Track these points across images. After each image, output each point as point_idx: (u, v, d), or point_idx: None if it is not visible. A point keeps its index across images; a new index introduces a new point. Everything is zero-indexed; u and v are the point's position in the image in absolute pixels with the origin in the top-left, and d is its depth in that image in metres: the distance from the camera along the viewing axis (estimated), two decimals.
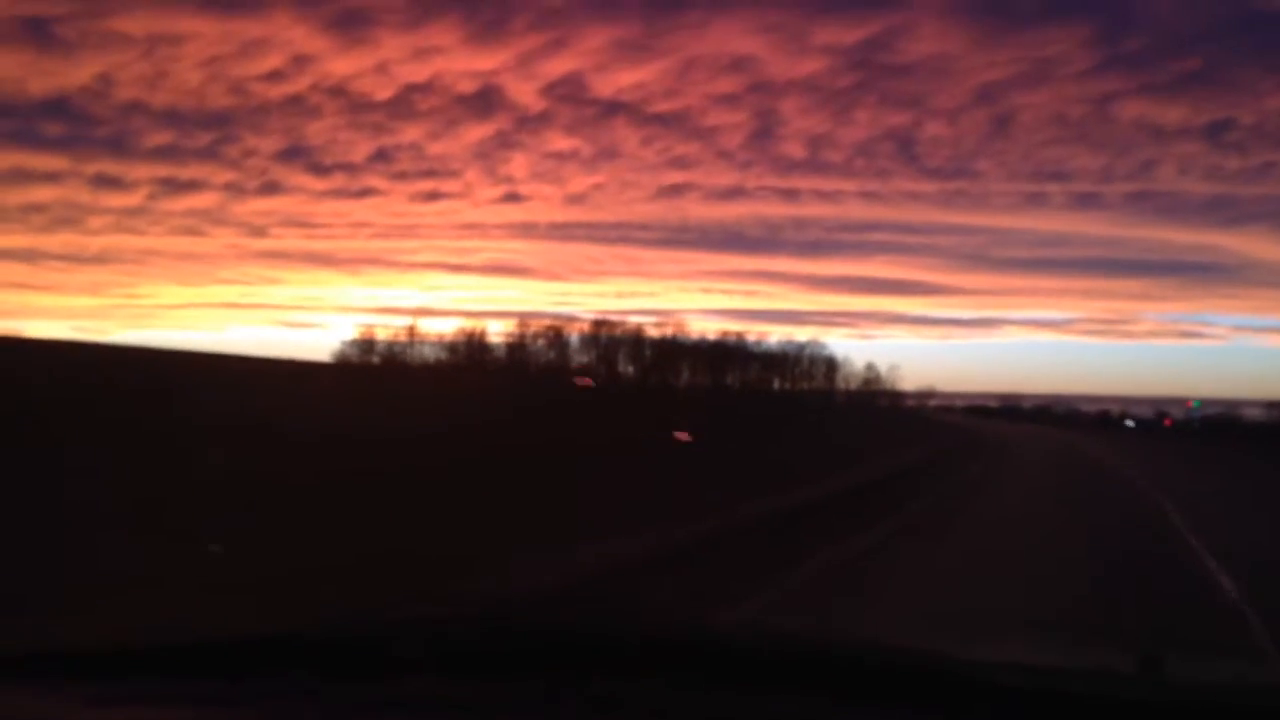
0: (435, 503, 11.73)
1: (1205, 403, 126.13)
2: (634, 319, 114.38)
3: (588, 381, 33.34)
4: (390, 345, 78.98)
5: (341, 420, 19.33)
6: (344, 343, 78.60)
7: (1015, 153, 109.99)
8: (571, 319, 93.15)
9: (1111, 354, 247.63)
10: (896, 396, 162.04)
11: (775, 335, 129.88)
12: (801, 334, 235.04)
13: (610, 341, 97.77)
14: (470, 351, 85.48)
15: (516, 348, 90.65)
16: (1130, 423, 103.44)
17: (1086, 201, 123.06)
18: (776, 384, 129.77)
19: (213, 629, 1.89)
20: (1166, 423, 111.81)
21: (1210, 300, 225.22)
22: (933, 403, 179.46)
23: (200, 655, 1.69)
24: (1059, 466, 29.45)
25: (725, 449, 23.47)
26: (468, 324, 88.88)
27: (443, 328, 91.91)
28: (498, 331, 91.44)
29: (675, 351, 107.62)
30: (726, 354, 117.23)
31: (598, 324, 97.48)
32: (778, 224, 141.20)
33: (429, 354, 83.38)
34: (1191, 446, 49.29)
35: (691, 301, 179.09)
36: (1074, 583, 10.01)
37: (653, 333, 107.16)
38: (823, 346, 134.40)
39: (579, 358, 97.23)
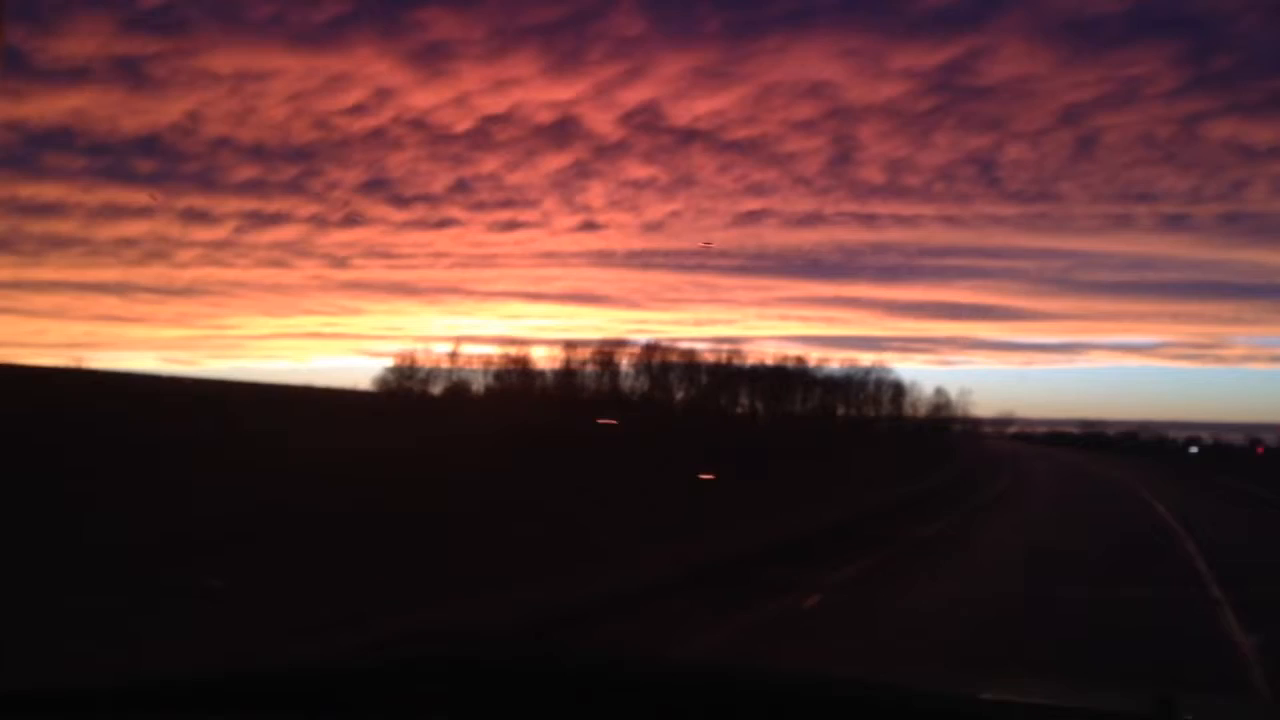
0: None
1: None
2: (711, 346, 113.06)
3: (611, 421, 32.30)
4: (429, 372, 78.99)
5: (335, 449, 18.54)
6: (386, 369, 78.64)
7: (1100, 174, 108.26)
8: (623, 344, 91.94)
9: (1201, 379, 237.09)
10: (971, 423, 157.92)
11: (836, 360, 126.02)
12: (883, 360, 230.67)
13: (663, 367, 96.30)
14: (514, 378, 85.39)
15: (566, 374, 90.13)
16: (1194, 449, 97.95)
17: (1175, 223, 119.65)
18: (841, 410, 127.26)
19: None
20: (1259, 450, 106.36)
21: None
22: (1011, 430, 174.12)
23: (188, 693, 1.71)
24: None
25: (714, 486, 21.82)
26: (512, 350, 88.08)
27: (497, 354, 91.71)
28: (547, 357, 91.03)
29: (732, 377, 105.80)
30: (786, 379, 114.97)
31: (649, 349, 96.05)
32: (856, 250, 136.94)
33: (472, 380, 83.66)
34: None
35: (769, 329, 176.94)
36: None
37: (709, 358, 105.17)
38: (888, 371, 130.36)
39: (631, 384, 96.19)
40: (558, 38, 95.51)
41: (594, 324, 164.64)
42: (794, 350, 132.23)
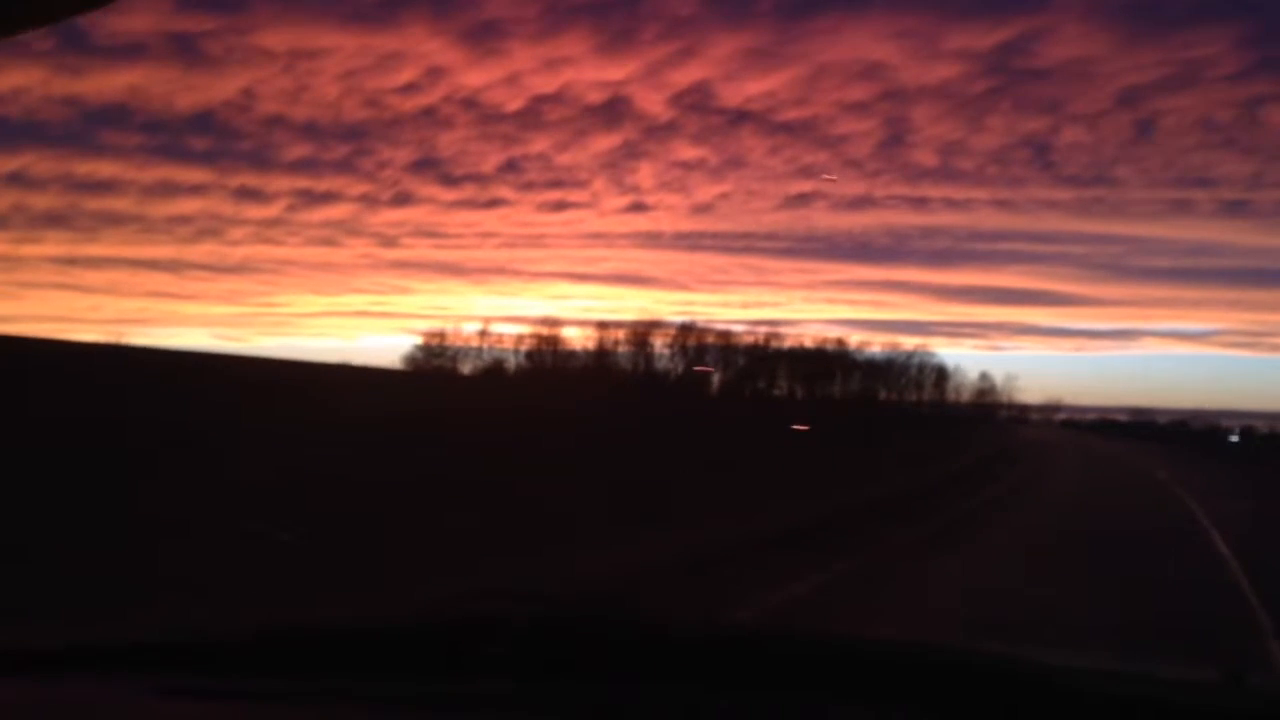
0: None
1: None
2: (748, 329, 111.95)
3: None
4: (459, 350, 78.17)
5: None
6: (415, 347, 77.87)
7: (1158, 159, 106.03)
8: (658, 324, 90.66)
9: (1257, 368, 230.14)
10: (1017, 409, 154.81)
11: (877, 344, 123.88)
12: (930, 345, 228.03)
13: (698, 349, 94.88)
14: (544, 358, 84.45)
15: (599, 354, 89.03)
16: (1234, 438, 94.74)
17: (1234, 209, 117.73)
18: (883, 394, 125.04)
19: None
20: None
21: None
22: (1059, 416, 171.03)
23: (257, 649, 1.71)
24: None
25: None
26: (544, 330, 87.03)
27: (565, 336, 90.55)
28: (580, 337, 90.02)
29: (769, 359, 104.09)
30: (826, 362, 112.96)
31: (684, 329, 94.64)
32: (906, 233, 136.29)
33: (503, 360, 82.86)
34: None
35: (815, 312, 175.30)
36: None
37: (746, 339, 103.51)
38: (931, 355, 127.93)
39: (666, 365, 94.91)
40: (610, 17, 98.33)
41: (640, 305, 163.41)
42: (841, 333, 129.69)
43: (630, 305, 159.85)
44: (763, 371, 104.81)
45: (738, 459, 20.55)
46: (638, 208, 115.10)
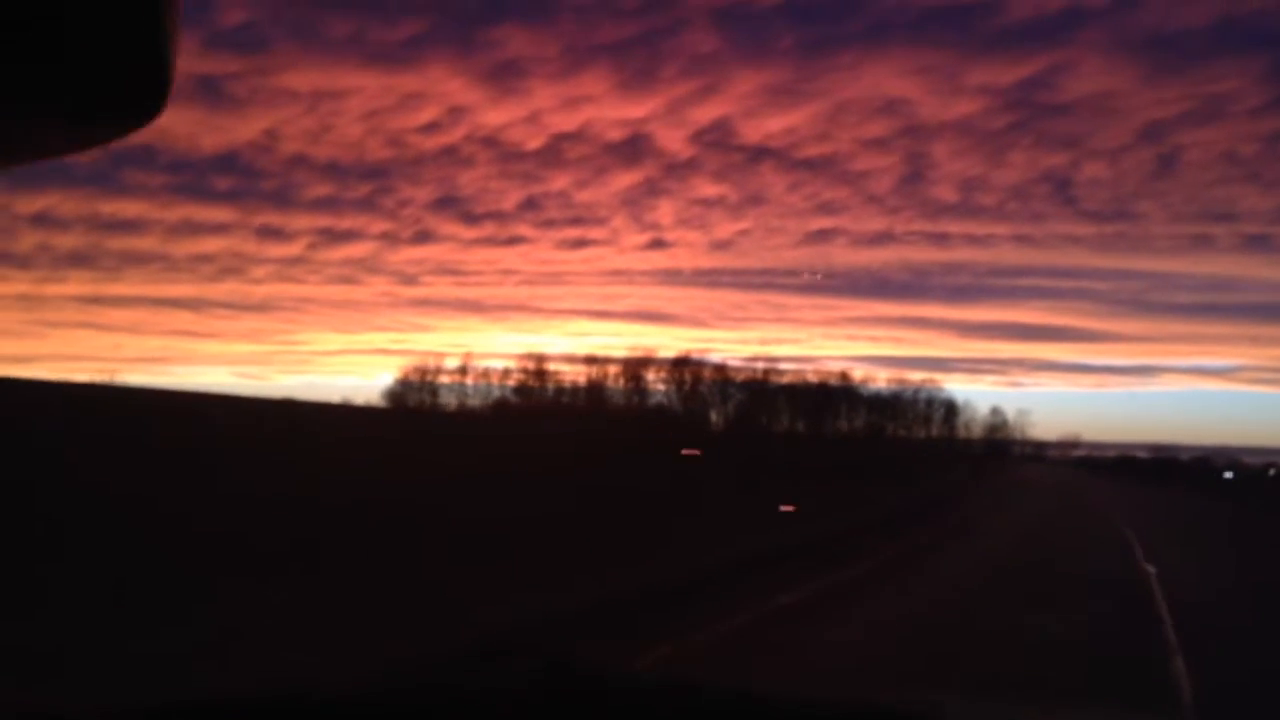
0: None
1: None
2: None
3: (695, 453, 29.32)
4: (441, 386, 76.39)
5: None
6: (396, 381, 76.15)
7: (1180, 193, 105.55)
8: (649, 360, 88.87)
9: (1279, 404, 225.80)
10: (1031, 445, 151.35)
11: (883, 379, 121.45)
12: (950, 381, 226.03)
13: (694, 383, 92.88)
14: (530, 394, 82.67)
15: (591, 389, 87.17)
16: (1229, 475, 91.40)
17: (1256, 243, 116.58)
18: (890, 430, 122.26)
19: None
20: None
21: None
22: (1077, 453, 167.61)
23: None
24: None
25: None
26: (530, 365, 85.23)
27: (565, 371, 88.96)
28: (570, 371, 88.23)
29: (769, 394, 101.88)
30: (829, 398, 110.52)
31: (679, 363, 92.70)
32: (926, 269, 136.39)
33: (486, 394, 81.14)
34: None
35: (835, 348, 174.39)
36: None
37: (743, 375, 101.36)
38: (939, 390, 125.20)
39: (660, 399, 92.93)
40: (630, 55, 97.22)
41: (660, 342, 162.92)
42: (863, 370, 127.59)
43: (651, 343, 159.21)
44: (762, 407, 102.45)
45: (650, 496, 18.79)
46: (657, 245, 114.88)
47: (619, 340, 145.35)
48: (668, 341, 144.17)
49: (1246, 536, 24.35)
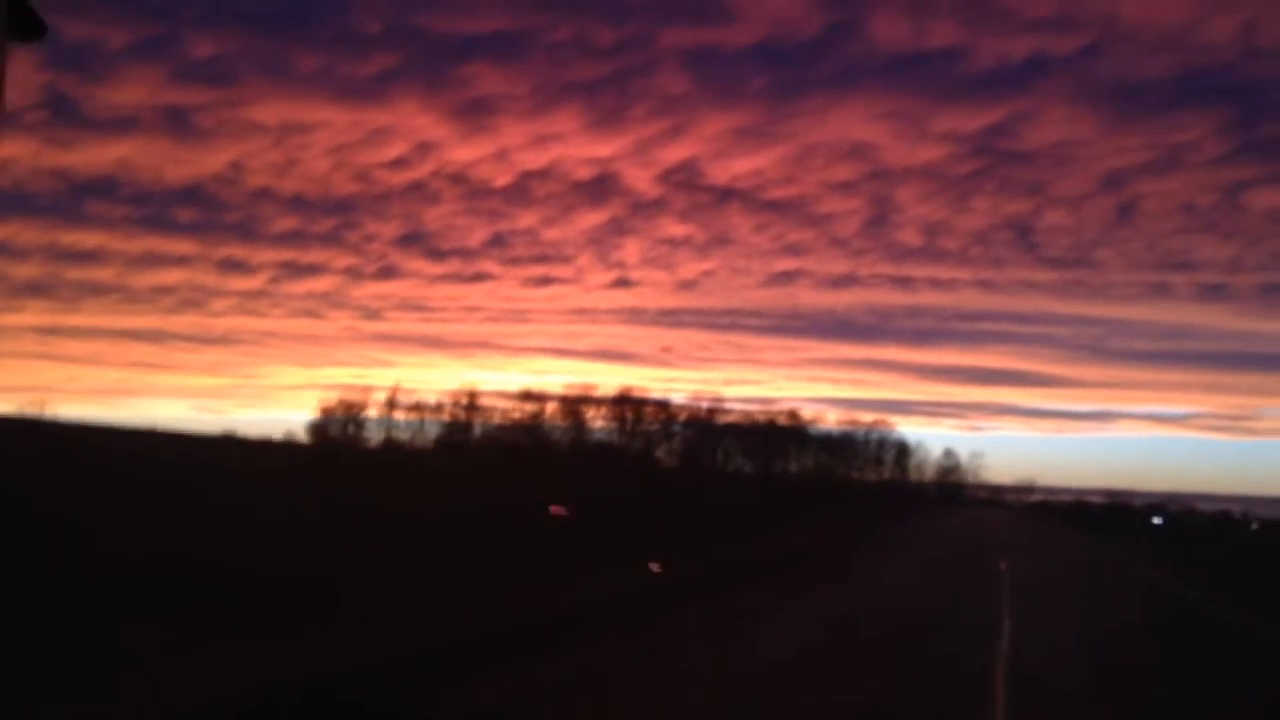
0: None
1: None
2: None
3: (561, 511, 27.06)
4: (360, 422, 73.54)
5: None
6: (319, 415, 72.92)
7: (1139, 241, 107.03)
8: (587, 398, 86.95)
9: (1233, 451, 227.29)
10: (986, 489, 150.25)
11: (833, 419, 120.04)
12: (910, 424, 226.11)
13: (635, 420, 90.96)
14: (459, 429, 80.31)
15: (530, 427, 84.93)
16: (1158, 520, 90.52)
17: (1213, 293, 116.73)
18: (841, 472, 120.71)
19: None
20: None
21: None
22: (1033, 497, 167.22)
23: None
24: None
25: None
26: (462, 400, 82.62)
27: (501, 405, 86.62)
28: (502, 408, 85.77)
29: (713, 433, 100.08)
30: (776, 437, 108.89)
31: (620, 400, 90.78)
32: (889, 312, 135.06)
33: (417, 430, 78.64)
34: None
35: (798, 389, 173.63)
36: None
37: (688, 411, 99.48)
38: (890, 432, 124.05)
39: (601, 436, 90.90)
40: (600, 95, 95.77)
41: (622, 381, 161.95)
42: (814, 410, 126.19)
43: (612, 381, 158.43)
44: (706, 447, 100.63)
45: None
46: (622, 283, 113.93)
47: (580, 379, 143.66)
48: (630, 381, 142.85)
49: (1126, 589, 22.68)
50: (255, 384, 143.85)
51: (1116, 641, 13.30)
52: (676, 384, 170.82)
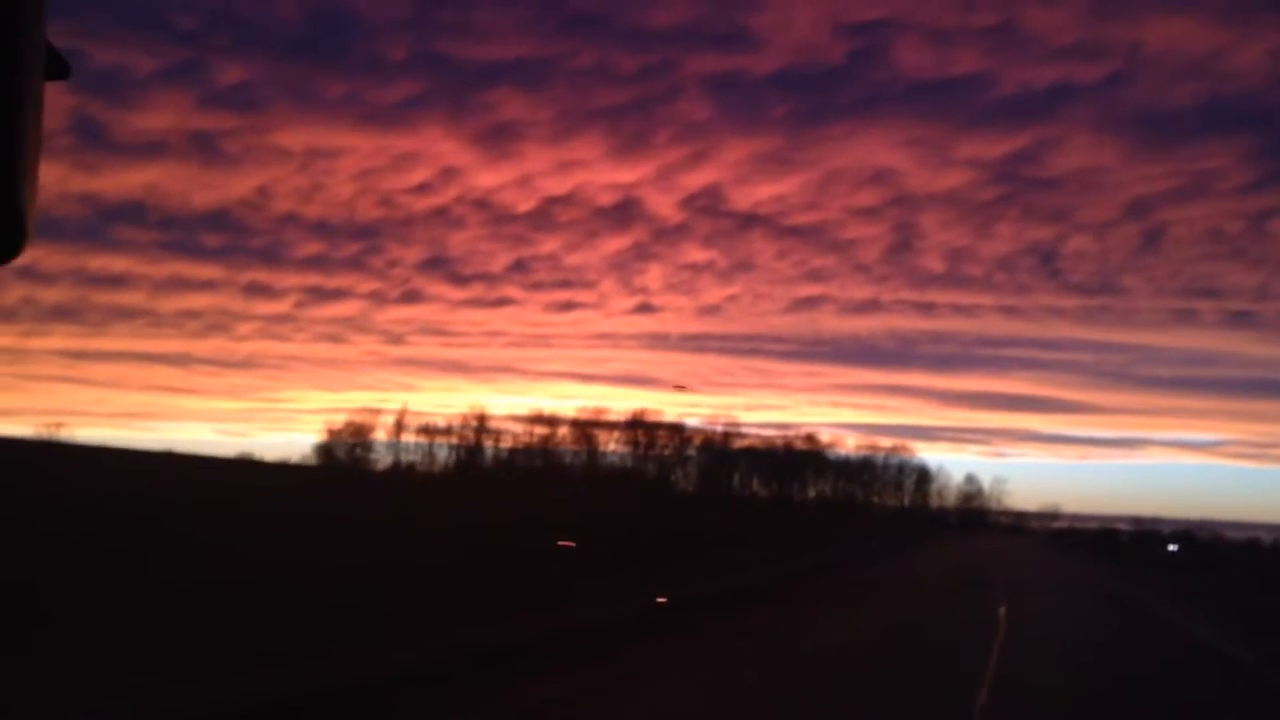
0: None
1: None
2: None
3: (569, 544, 26.63)
4: (368, 445, 73.22)
5: None
6: (328, 437, 72.46)
7: (1165, 268, 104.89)
8: (598, 422, 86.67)
9: (1262, 479, 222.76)
10: (1009, 515, 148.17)
11: (852, 444, 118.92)
12: (932, 450, 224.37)
13: (647, 444, 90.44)
14: (468, 453, 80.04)
15: (536, 451, 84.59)
16: (1173, 547, 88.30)
17: (1240, 320, 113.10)
18: (860, 496, 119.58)
19: None
20: None
21: None
22: (1057, 524, 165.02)
23: None
24: None
25: None
26: (472, 424, 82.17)
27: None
28: (512, 432, 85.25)
29: (728, 458, 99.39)
30: (794, 461, 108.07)
31: (634, 423, 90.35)
32: (912, 338, 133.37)
33: (426, 453, 78.40)
34: None
35: (821, 415, 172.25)
36: None
37: (705, 434, 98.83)
38: (910, 457, 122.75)
39: (613, 460, 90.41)
40: (624, 121, 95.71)
41: (645, 406, 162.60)
42: (830, 434, 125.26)
43: (636, 406, 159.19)
44: (722, 471, 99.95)
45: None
46: (645, 309, 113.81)
47: (604, 404, 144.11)
48: (653, 405, 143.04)
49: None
50: (279, 408, 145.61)
51: None
52: (699, 409, 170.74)
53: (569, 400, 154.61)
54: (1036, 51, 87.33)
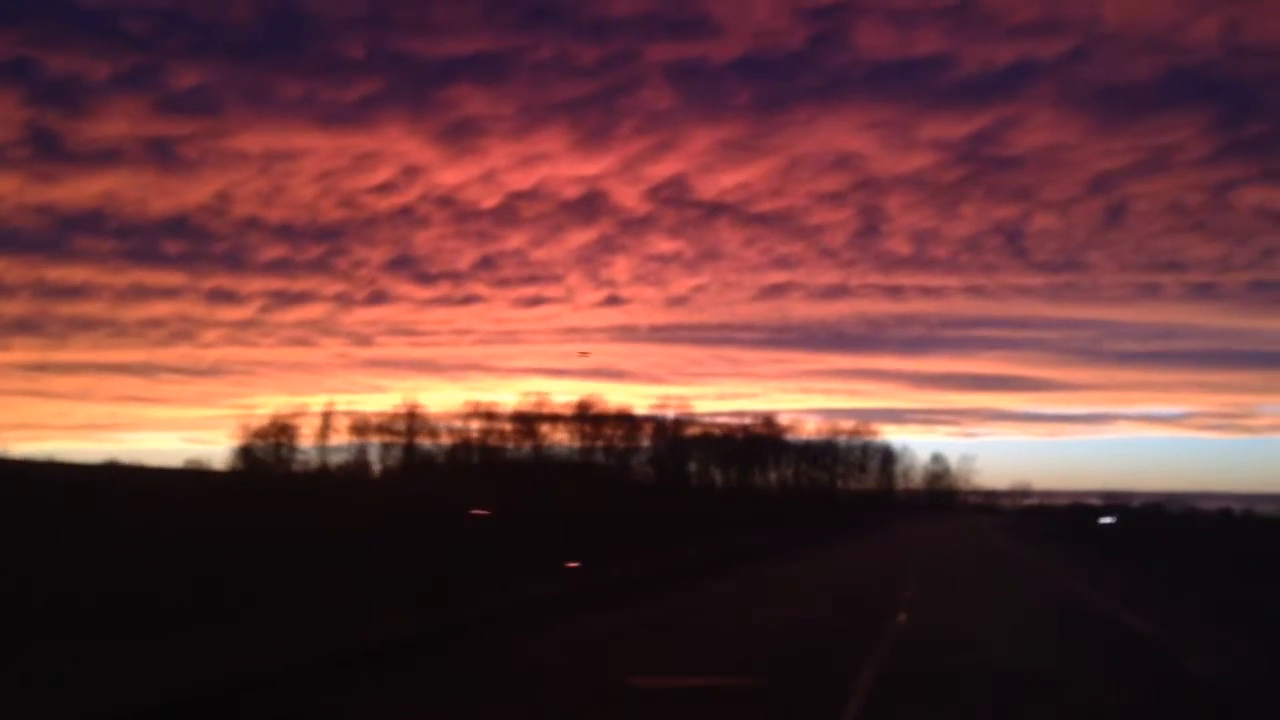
0: None
1: None
2: (667, 411, 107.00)
3: (483, 512, 24.26)
4: (292, 445, 69.68)
5: None
6: (248, 438, 68.38)
7: (1128, 243, 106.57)
8: (538, 415, 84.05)
9: (1229, 449, 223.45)
10: (983, 494, 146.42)
11: (812, 428, 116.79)
12: (903, 432, 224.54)
13: (593, 434, 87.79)
14: (400, 450, 77.02)
15: (482, 445, 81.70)
16: (1108, 519, 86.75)
17: (1203, 292, 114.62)
18: (825, 480, 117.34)
19: None
20: None
21: None
22: (1028, 501, 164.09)
23: None
24: None
25: None
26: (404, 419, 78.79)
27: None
28: (449, 426, 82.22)
29: (682, 445, 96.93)
30: (753, 447, 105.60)
31: (579, 414, 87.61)
32: (881, 322, 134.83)
33: (357, 452, 75.37)
34: None
35: (792, 402, 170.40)
36: None
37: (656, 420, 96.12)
38: (874, 438, 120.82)
39: (563, 450, 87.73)
40: (587, 113, 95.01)
41: (617, 399, 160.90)
42: (791, 418, 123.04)
43: (607, 400, 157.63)
44: (678, 459, 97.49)
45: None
46: (613, 301, 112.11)
47: (574, 399, 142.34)
48: (624, 399, 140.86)
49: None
50: (247, 414, 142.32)
51: None
52: (671, 400, 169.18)
53: (542, 395, 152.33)
54: (996, 30, 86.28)
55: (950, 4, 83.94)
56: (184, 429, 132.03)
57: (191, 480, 51.47)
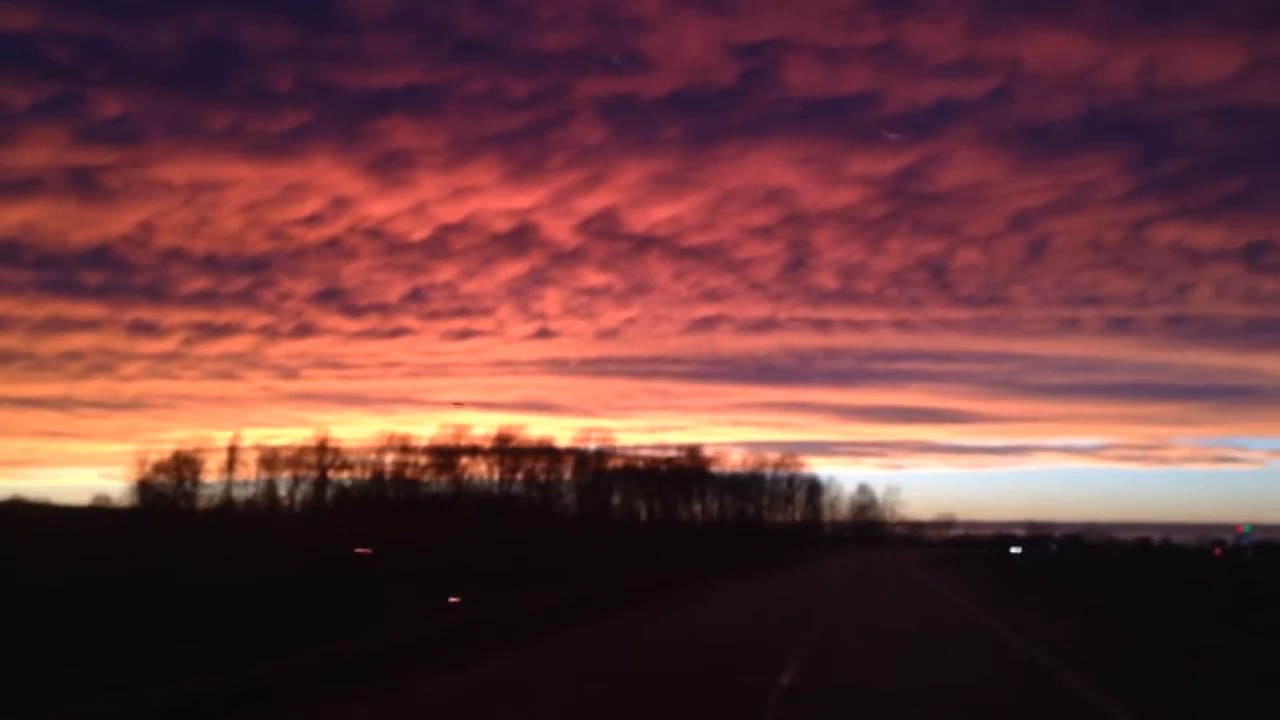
0: None
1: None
2: (589, 444, 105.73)
3: (365, 551, 22.06)
4: (194, 481, 66.39)
5: None
6: (144, 474, 64.70)
7: (1049, 278, 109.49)
8: (458, 448, 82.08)
9: (1146, 480, 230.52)
10: (908, 525, 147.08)
11: (737, 460, 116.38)
12: (832, 465, 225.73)
13: (512, 467, 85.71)
14: (314, 486, 74.22)
15: (386, 480, 79.09)
16: (1016, 550, 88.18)
17: (1121, 326, 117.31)
18: (751, 513, 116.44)
19: None
20: (1217, 552, 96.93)
21: (1245, 424, 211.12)
22: (953, 533, 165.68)
23: None
24: None
25: None
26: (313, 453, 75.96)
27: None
28: (363, 460, 79.57)
29: (604, 478, 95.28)
30: (678, 479, 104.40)
31: (499, 447, 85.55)
32: (809, 355, 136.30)
33: (263, 487, 72.28)
34: None
35: (722, 435, 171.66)
36: None
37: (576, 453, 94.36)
38: (800, 470, 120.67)
39: (484, 483, 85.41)
40: (518, 146, 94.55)
41: (546, 432, 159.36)
42: (715, 450, 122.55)
43: (537, 433, 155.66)
44: (595, 490, 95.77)
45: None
46: (543, 334, 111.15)
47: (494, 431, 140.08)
48: (554, 432, 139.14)
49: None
50: (168, 449, 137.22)
51: None
52: (601, 432, 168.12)
53: (472, 430, 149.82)
54: (921, 69, 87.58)
55: (877, 42, 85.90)
56: (101, 464, 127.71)
57: (87, 518, 48.53)
